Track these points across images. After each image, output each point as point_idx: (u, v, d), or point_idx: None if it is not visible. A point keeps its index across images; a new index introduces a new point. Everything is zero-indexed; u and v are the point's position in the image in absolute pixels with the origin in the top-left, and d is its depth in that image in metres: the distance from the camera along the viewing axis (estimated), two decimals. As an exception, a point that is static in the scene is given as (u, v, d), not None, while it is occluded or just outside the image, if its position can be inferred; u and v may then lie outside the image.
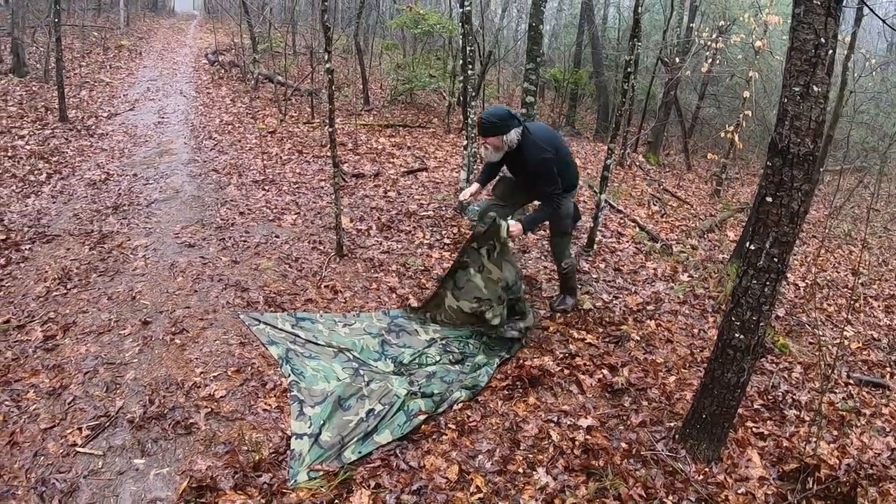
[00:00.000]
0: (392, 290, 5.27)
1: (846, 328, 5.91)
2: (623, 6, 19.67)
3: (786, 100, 2.74)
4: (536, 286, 5.54)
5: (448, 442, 3.40)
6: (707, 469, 3.29)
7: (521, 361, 4.26)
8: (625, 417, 3.74)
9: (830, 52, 2.64)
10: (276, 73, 14.51)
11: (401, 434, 3.42)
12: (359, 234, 6.44)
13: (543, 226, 7.23)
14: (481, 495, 3.02)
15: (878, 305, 6.96)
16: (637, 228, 7.94)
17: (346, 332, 4.49)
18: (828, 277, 7.73)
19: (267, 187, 7.82)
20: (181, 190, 7.50)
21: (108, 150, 9.28)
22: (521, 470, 3.22)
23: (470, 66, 7.53)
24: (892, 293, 7.53)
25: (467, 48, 7.39)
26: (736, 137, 10.85)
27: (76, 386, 3.72)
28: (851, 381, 4.78)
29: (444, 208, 7.46)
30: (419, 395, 3.72)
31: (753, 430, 3.75)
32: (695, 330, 5.15)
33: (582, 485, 3.12)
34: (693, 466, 3.30)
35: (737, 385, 3.20)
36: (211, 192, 7.51)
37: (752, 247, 2.95)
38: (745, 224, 7.67)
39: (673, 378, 4.24)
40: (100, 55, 17.68)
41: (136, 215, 6.62)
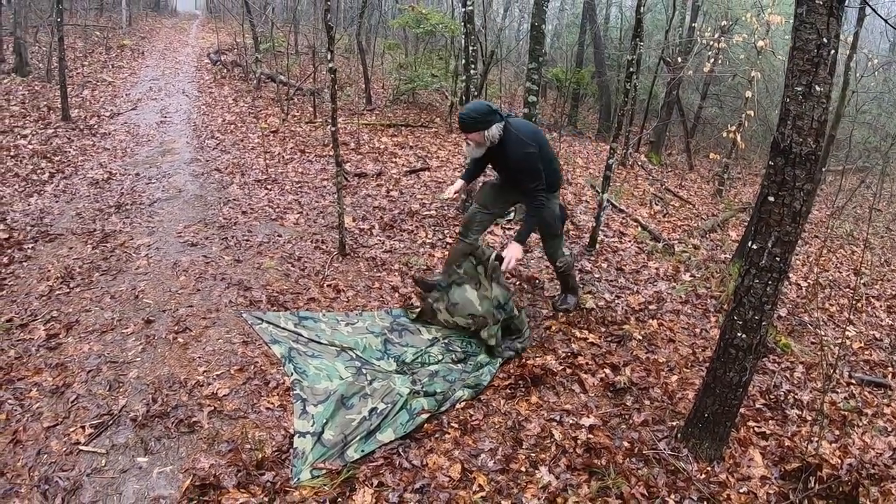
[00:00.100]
0: (394, 290, 5.28)
1: (848, 328, 5.90)
2: (625, 6, 19.66)
3: (788, 99, 2.74)
4: (539, 286, 5.55)
5: (451, 441, 3.41)
6: (709, 468, 3.29)
7: (524, 360, 4.27)
8: (627, 416, 3.74)
9: (833, 51, 2.64)
10: (278, 72, 14.51)
11: (403, 433, 3.43)
12: (361, 234, 6.45)
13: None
14: (484, 494, 3.02)
15: (880, 305, 6.95)
16: (639, 228, 7.94)
17: (349, 332, 4.50)
18: (830, 277, 7.72)
19: (269, 186, 7.83)
20: (184, 189, 7.52)
21: (110, 149, 9.30)
22: (523, 469, 3.22)
23: (472, 66, 7.54)
24: (894, 293, 7.52)
25: (469, 48, 7.40)
26: (738, 137, 10.84)
27: (79, 384, 3.73)
28: (853, 381, 4.78)
29: (446, 208, 7.46)
30: (422, 393, 3.72)
31: (755, 429, 3.75)
32: (697, 329, 5.15)
33: (584, 483, 3.13)
34: (695, 465, 3.30)
35: (739, 384, 3.20)
36: (213, 191, 7.52)
37: (754, 246, 2.95)
38: (747, 224, 7.67)
39: (675, 377, 4.24)
40: (102, 55, 17.71)
41: (139, 214, 6.63)
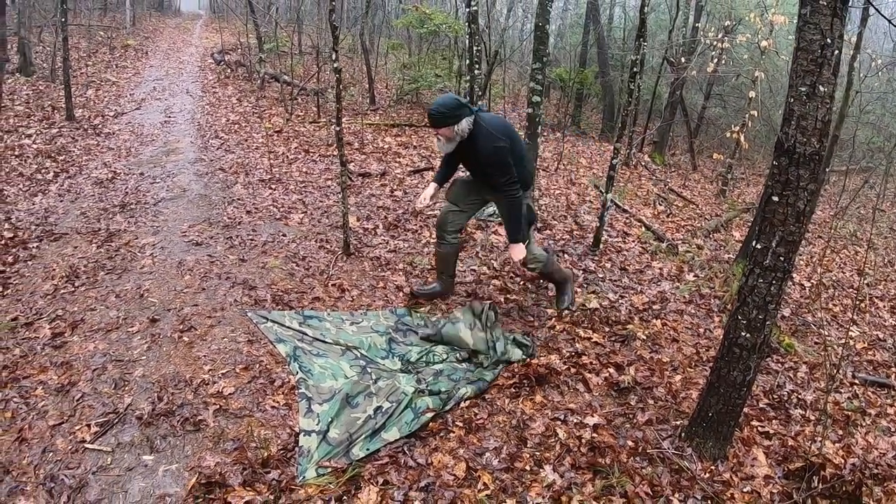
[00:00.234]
0: (399, 289, 5.29)
1: (851, 328, 5.90)
2: (629, 6, 19.63)
3: (792, 100, 2.75)
4: (543, 286, 5.55)
5: (455, 439, 3.42)
6: (713, 467, 3.30)
7: (528, 360, 4.27)
8: (631, 416, 3.75)
9: (836, 52, 2.65)
10: (282, 72, 14.53)
11: (408, 431, 3.44)
12: (365, 233, 6.46)
13: (555, 220, 7.25)
14: (489, 492, 3.03)
15: (884, 306, 6.95)
16: (643, 228, 7.95)
17: (354, 331, 4.51)
18: (833, 278, 7.72)
19: (273, 186, 7.85)
20: (188, 189, 7.54)
21: (114, 148, 9.33)
22: (528, 467, 3.23)
23: (476, 66, 7.54)
24: (897, 293, 7.53)
25: (473, 48, 7.41)
26: (741, 137, 10.84)
27: (84, 383, 3.74)
28: (857, 381, 4.78)
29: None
30: (426, 392, 3.73)
31: (759, 429, 3.75)
32: (700, 329, 5.16)
33: (588, 482, 3.13)
34: (699, 465, 3.31)
35: (743, 383, 3.21)
36: (218, 190, 7.54)
37: (758, 246, 2.96)
38: (750, 224, 7.67)
39: (679, 377, 4.24)
40: (106, 55, 17.75)
41: (144, 214, 6.65)
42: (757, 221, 3.11)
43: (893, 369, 5.18)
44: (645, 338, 4.79)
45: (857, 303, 6.67)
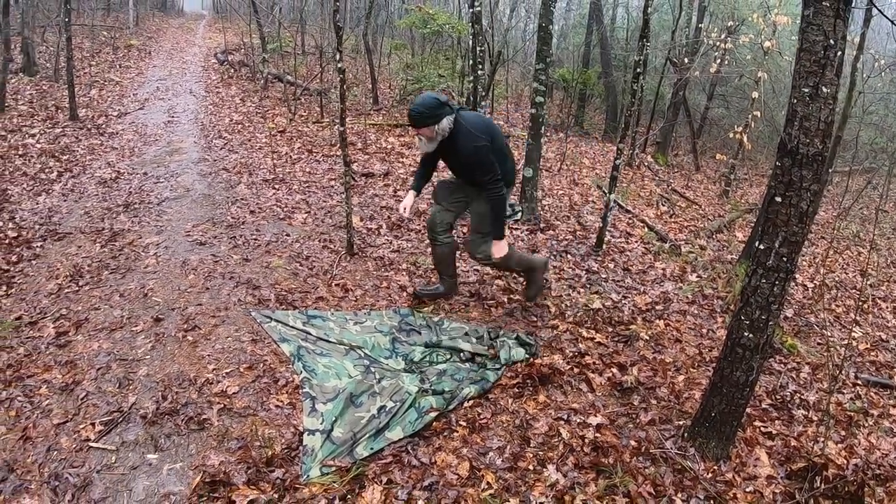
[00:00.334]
0: (402, 289, 5.30)
1: (854, 329, 5.90)
2: (632, 6, 19.64)
3: (795, 101, 2.75)
4: (546, 286, 5.55)
5: (459, 439, 3.42)
6: (716, 467, 3.30)
7: (532, 360, 4.28)
8: (634, 416, 3.75)
9: (839, 53, 2.65)
10: (285, 72, 14.55)
11: (412, 431, 3.44)
12: (369, 233, 6.47)
13: (558, 220, 7.26)
14: (492, 491, 3.04)
15: (887, 307, 6.95)
16: (646, 228, 7.95)
17: (358, 330, 4.52)
18: (836, 278, 7.72)
19: (277, 186, 7.87)
20: (192, 188, 7.55)
21: (118, 148, 9.34)
22: (531, 467, 3.23)
23: (480, 67, 7.55)
24: (900, 294, 7.53)
25: (477, 48, 7.41)
26: (745, 138, 10.84)
27: (89, 382, 3.76)
28: (859, 382, 4.78)
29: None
30: (430, 392, 3.74)
31: (762, 429, 3.76)
32: (703, 330, 5.16)
33: (592, 482, 3.14)
34: (702, 464, 3.31)
35: (745, 384, 3.21)
36: (221, 190, 7.55)
37: (761, 246, 2.96)
38: (753, 225, 7.67)
39: (682, 377, 4.25)
40: (109, 54, 17.78)
41: (147, 213, 6.67)
42: (760, 222, 3.12)
43: (896, 370, 5.18)
44: (648, 338, 4.80)
45: (860, 304, 6.67)
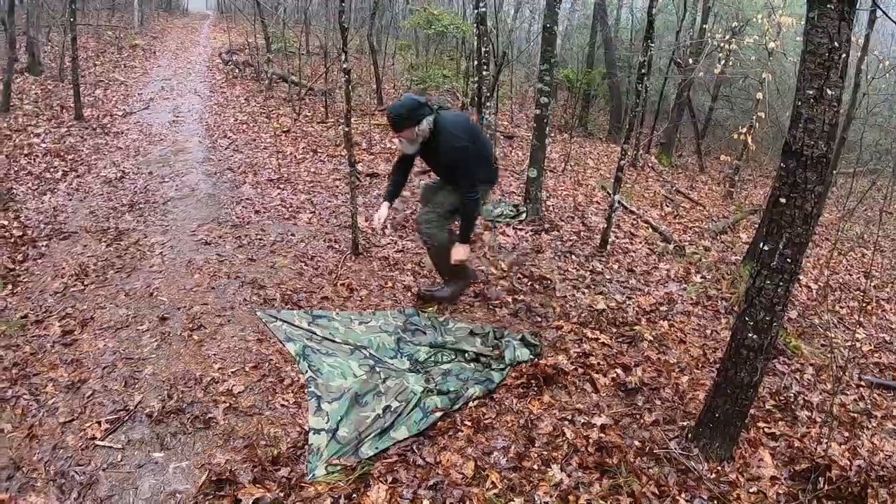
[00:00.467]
0: (407, 289, 5.31)
1: (858, 331, 5.90)
2: (636, 7, 19.59)
3: (799, 103, 2.76)
4: (550, 286, 5.57)
5: (464, 438, 3.43)
6: (719, 468, 3.31)
7: (536, 360, 4.29)
8: (638, 416, 3.76)
9: (844, 55, 2.65)
10: (290, 72, 14.56)
11: (417, 430, 3.46)
12: (374, 233, 6.48)
13: (562, 221, 7.27)
14: (497, 491, 3.05)
15: (891, 308, 6.94)
16: (650, 229, 7.96)
17: (363, 330, 4.54)
18: (840, 280, 7.72)
19: (282, 186, 7.88)
20: (197, 188, 7.57)
21: (123, 148, 9.36)
22: (535, 467, 3.24)
23: (485, 67, 7.56)
24: (904, 296, 7.52)
25: (482, 49, 7.42)
26: (749, 139, 10.83)
27: (95, 380, 3.78)
28: (863, 384, 4.79)
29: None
30: (435, 392, 3.75)
31: (765, 430, 3.76)
32: (707, 331, 5.17)
33: (596, 482, 3.15)
34: (705, 465, 3.32)
35: (749, 384, 3.22)
36: (226, 190, 7.57)
37: (765, 247, 2.97)
38: (757, 226, 7.67)
39: (686, 378, 4.25)
40: (114, 54, 17.80)
41: (153, 213, 6.69)
42: (764, 223, 3.12)
43: (900, 372, 5.18)
44: (652, 339, 4.81)
45: (864, 305, 6.67)
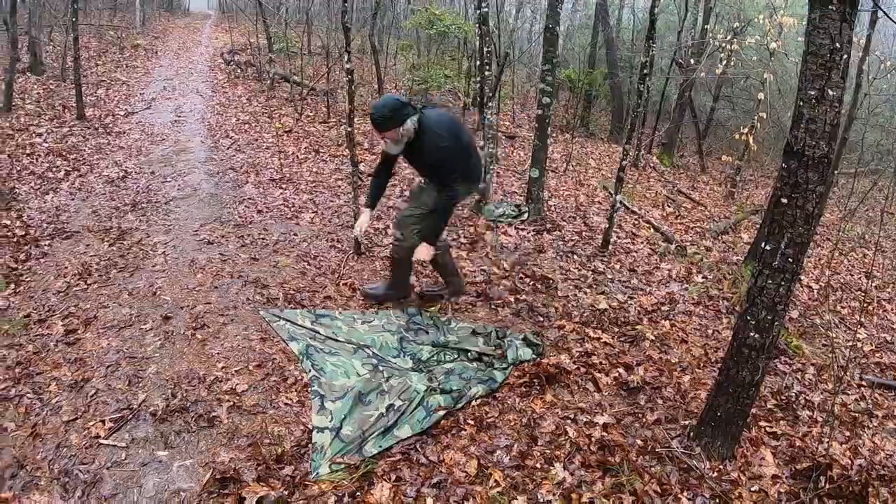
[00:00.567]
0: (410, 288, 5.32)
1: (859, 331, 5.91)
2: (637, 7, 19.58)
3: (801, 103, 2.78)
4: (552, 286, 5.58)
5: (467, 437, 3.45)
6: (721, 466, 3.32)
7: (538, 359, 4.30)
8: (640, 415, 3.77)
9: (845, 56, 2.67)
10: (291, 72, 14.56)
11: (420, 429, 3.47)
12: (376, 233, 6.49)
13: (564, 221, 7.28)
14: (500, 489, 3.06)
15: (892, 308, 6.95)
16: (652, 229, 7.97)
17: (366, 329, 4.55)
18: (841, 280, 7.73)
19: (284, 186, 7.90)
20: (199, 188, 7.59)
21: (125, 147, 9.37)
22: (538, 465, 3.26)
23: (487, 67, 7.57)
24: (905, 296, 7.53)
25: (484, 49, 7.43)
26: (750, 139, 10.83)
27: (98, 379, 3.78)
28: (864, 384, 4.80)
29: (459, 207, 7.49)
30: (438, 391, 3.76)
31: (767, 429, 3.78)
32: (709, 330, 5.18)
33: (598, 480, 3.16)
34: (707, 464, 3.33)
35: (751, 383, 3.23)
36: (229, 190, 7.59)
37: (767, 247, 2.98)
38: (759, 226, 7.68)
39: (687, 377, 4.27)
40: (116, 54, 17.81)
41: (155, 212, 6.70)
42: (766, 223, 3.14)
43: (901, 372, 5.19)
44: (654, 338, 4.82)
45: (865, 305, 6.68)
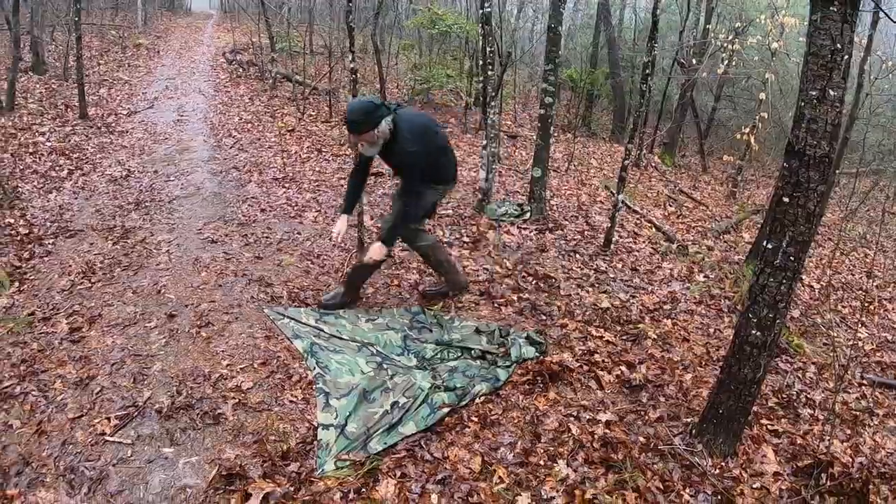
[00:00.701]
0: (413, 287, 5.34)
1: (860, 330, 5.93)
2: (639, 7, 19.59)
3: (803, 103, 2.80)
4: (555, 285, 5.60)
5: (471, 434, 3.47)
6: (723, 463, 3.34)
7: (542, 357, 4.32)
8: (642, 413, 3.79)
9: (847, 57, 2.69)
10: (293, 72, 14.57)
11: (425, 426, 3.49)
12: (379, 232, 6.50)
13: (566, 220, 7.30)
14: (504, 486, 3.08)
15: (893, 308, 6.97)
16: (653, 229, 7.99)
17: (370, 328, 4.58)
18: (842, 279, 7.74)
19: (287, 185, 7.92)
20: (202, 187, 7.61)
21: (128, 147, 9.40)
22: (542, 462, 3.28)
23: (490, 67, 7.58)
24: (906, 296, 7.54)
25: (487, 49, 7.45)
26: (752, 139, 10.85)
27: (103, 377, 3.80)
28: (865, 382, 4.82)
29: (462, 207, 7.52)
30: (442, 388, 3.78)
31: (768, 427, 3.79)
32: (711, 329, 5.20)
33: (601, 477, 3.18)
34: (709, 461, 3.35)
35: (753, 381, 3.25)
36: (232, 189, 7.61)
37: (769, 245, 3.00)
38: (760, 225, 7.70)
39: (689, 375, 4.28)
40: (118, 53, 17.83)
41: (159, 211, 6.73)
42: (768, 222, 3.16)
43: (902, 370, 5.21)
44: (656, 337, 4.84)
45: (866, 305, 6.69)
